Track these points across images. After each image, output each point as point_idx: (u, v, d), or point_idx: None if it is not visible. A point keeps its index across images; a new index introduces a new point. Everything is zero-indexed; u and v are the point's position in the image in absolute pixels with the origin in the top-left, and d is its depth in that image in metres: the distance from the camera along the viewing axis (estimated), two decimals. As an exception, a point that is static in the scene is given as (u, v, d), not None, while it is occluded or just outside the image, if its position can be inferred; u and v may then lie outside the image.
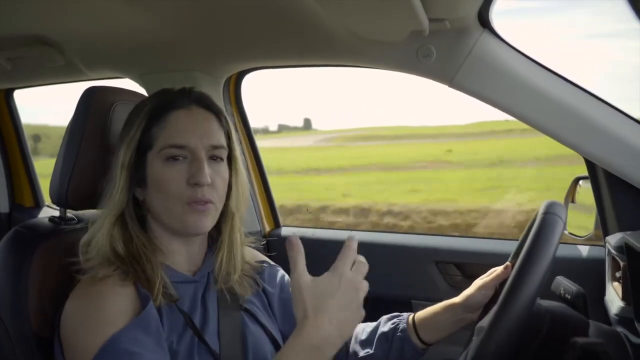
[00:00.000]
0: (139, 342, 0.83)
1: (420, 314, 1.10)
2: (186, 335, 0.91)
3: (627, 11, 0.71)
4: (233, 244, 1.02)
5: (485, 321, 0.81)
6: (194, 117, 0.95)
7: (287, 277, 1.15)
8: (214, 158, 0.95)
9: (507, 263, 1.03)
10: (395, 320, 1.11)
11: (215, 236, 1.04)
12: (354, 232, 1.71)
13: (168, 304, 0.91)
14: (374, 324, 1.14)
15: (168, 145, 0.91)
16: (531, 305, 0.72)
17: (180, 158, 0.92)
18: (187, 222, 0.92)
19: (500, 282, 1.03)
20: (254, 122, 1.76)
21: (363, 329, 1.14)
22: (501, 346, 0.71)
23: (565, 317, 0.81)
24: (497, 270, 1.04)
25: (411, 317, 1.10)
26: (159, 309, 0.89)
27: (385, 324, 1.12)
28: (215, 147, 0.95)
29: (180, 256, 0.98)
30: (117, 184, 0.92)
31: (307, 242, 1.66)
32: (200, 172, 0.90)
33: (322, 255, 1.66)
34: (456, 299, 1.06)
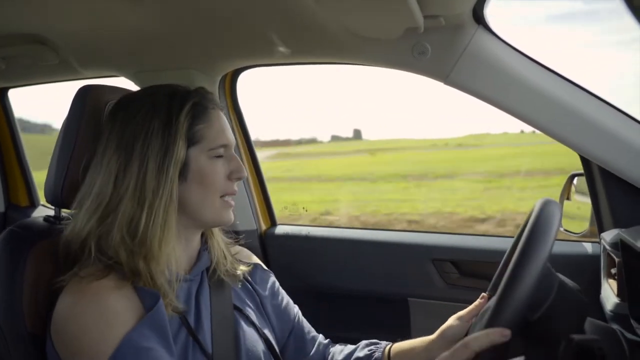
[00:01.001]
0: (149, 338, 0.84)
1: (398, 345, 1.09)
2: (181, 335, 0.91)
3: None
4: (218, 235, 1.07)
5: (491, 302, 0.82)
6: (222, 117, 1.01)
7: (277, 283, 1.15)
8: None
9: (484, 294, 1.01)
10: (372, 347, 1.10)
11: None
12: (349, 230, 1.71)
13: None
14: (352, 347, 1.13)
15: (220, 145, 0.97)
16: (538, 279, 0.73)
17: (222, 155, 0.98)
18: (222, 215, 0.98)
19: (478, 312, 1.00)
20: (304, 133, 1.76)
21: (341, 350, 1.13)
22: (515, 312, 0.71)
23: (571, 291, 0.82)
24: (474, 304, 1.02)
25: (388, 347, 1.09)
26: None
27: (362, 349, 1.11)
28: (234, 145, 1.02)
29: (180, 253, 0.98)
30: (168, 178, 0.91)
31: (301, 240, 1.68)
32: (243, 168, 0.99)
33: (317, 254, 1.67)
34: (433, 335, 1.04)
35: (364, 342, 1.14)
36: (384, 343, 1.12)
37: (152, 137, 0.92)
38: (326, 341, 1.16)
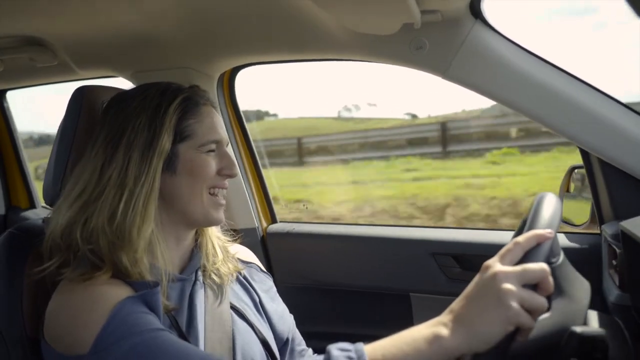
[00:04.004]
0: (141, 306, 0.83)
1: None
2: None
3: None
4: (211, 233, 1.07)
5: None
6: (214, 113, 1.01)
7: (274, 288, 1.14)
8: None
9: None
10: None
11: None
12: (350, 227, 1.71)
13: None
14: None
15: (211, 141, 0.97)
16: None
17: (213, 150, 0.98)
18: (211, 213, 0.97)
19: None
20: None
21: None
22: None
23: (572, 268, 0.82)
24: None
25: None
26: None
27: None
28: (227, 143, 1.02)
29: (171, 252, 0.97)
30: (151, 168, 0.91)
31: (302, 237, 1.68)
32: (234, 165, 0.99)
33: (318, 251, 1.67)
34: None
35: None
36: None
37: (139, 130, 0.93)
38: (314, 356, 1.12)
